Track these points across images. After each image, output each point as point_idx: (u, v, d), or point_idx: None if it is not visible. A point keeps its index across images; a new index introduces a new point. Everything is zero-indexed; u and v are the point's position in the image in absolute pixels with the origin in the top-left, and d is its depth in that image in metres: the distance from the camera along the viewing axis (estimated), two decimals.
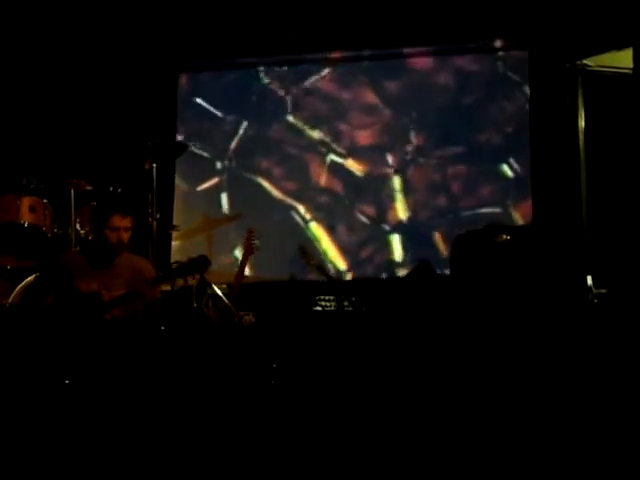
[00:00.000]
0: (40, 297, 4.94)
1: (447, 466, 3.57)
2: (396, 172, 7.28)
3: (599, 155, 6.58)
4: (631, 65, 6.00)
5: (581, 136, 6.61)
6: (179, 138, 7.38)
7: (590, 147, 6.61)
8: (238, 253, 7.07)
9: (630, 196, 6.01)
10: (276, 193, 7.43)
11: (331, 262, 7.23)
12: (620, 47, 6.23)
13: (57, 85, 7.15)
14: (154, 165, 5.98)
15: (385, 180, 7.28)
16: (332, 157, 7.41)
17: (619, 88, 6.41)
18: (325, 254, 7.23)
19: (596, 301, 6.09)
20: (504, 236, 5.52)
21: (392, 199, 7.27)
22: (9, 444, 3.76)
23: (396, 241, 7.23)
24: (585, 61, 6.59)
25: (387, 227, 7.25)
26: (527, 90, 7.04)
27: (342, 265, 7.24)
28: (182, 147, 6.48)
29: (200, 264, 4.89)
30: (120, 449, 3.75)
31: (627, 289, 5.68)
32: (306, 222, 7.36)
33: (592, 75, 6.61)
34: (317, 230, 7.36)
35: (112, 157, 6.70)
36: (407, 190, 7.25)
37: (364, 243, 7.26)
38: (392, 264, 7.20)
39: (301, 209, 7.37)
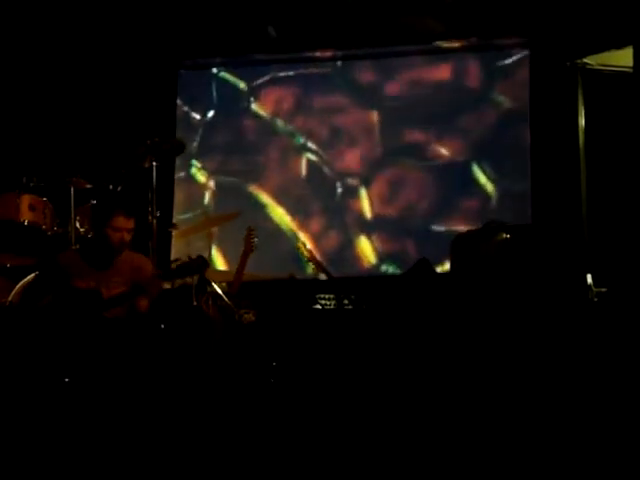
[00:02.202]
0: (39, 297, 4.93)
1: (447, 465, 3.57)
2: (366, 177, 7.29)
3: (599, 154, 6.58)
4: (631, 64, 5.98)
5: (581, 135, 6.60)
6: None
7: (590, 146, 6.60)
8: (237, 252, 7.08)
9: (630, 195, 6.00)
10: (253, 192, 7.47)
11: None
12: (620, 46, 6.22)
13: (57, 84, 7.15)
14: (154, 163, 5.97)
15: (357, 181, 7.32)
16: (309, 155, 7.42)
17: (619, 87, 6.41)
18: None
19: (596, 300, 6.08)
20: (504, 234, 5.52)
21: (362, 200, 7.30)
22: (9, 442, 3.76)
23: (366, 243, 7.24)
24: (585, 60, 6.58)
25: (359, 228, 7.27)
26: (498, 98, 7.09)
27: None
28: (181, 145, 6.47)
29: (198, 266, 4.86)
30: (120, 447, 3.74)
31: (627, 287, 5.67)
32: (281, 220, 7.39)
33: (592, 74, 6.61)
34: (293, 228, 7.40)
35: (112, 155, 6.69)
36: (379, 192, 7.27)
37: (336, 244, 7.28)
38: (365, 265, 7.21)
39: (277, 208, 7.40)
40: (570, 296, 5.63)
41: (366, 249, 7.26)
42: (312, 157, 7.44)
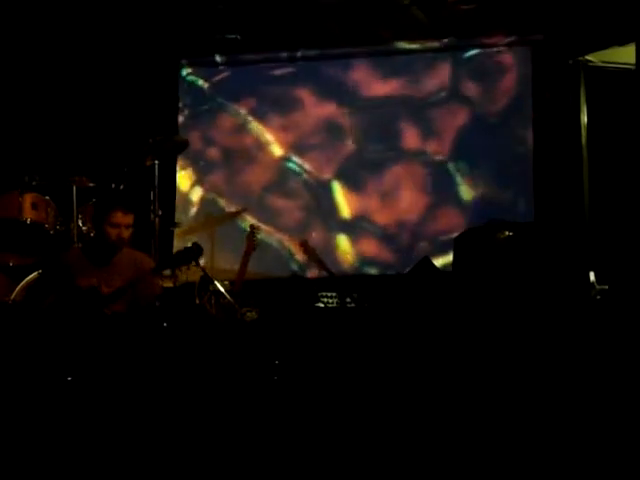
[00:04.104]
0: (42, 296, 4.94)
1: (447, 466, 3.57)
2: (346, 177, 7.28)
3: (601, 151, 6.59)
4: (633, 61, 5.99)
5: (583, 132, 6.61)
6: None
7: (592, 143, 6.61)
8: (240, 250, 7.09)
9: (632, 192, 6.00)
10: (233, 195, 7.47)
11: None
12: (622, 43, 6.23)
13: (59, 82, 7.15)
14: (156, 162, 5.98)
15: (330, 182, 7.31)
16: (290, 165, 7.40)
17: (621, 84, 6.41)
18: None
19: (599, 297, 6.08)
20: (506, 232, 5.52)
21: (336, 200, 7.30)
22: (11, 441, 3.76)
23: (345, 242, 7.23)
24: (588, 57, 6.58)
25: (337, 228, 7.26)
26: (491, 98, 7.08)
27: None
28: (184, 143, 6.47)
29: (193, 252, 4.89)
30: (122, 446, 3.75)
31: (629, 285, 5.68)
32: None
33: (594, 71, 6.61)
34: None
35: (114, 154, 6.69)
36: (355, 193, 7.26)
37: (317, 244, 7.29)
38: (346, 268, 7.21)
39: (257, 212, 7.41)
40: (572, 294, 5.63)
41: (346, 251, 7.23)
42: (292, 159, 7.39)
